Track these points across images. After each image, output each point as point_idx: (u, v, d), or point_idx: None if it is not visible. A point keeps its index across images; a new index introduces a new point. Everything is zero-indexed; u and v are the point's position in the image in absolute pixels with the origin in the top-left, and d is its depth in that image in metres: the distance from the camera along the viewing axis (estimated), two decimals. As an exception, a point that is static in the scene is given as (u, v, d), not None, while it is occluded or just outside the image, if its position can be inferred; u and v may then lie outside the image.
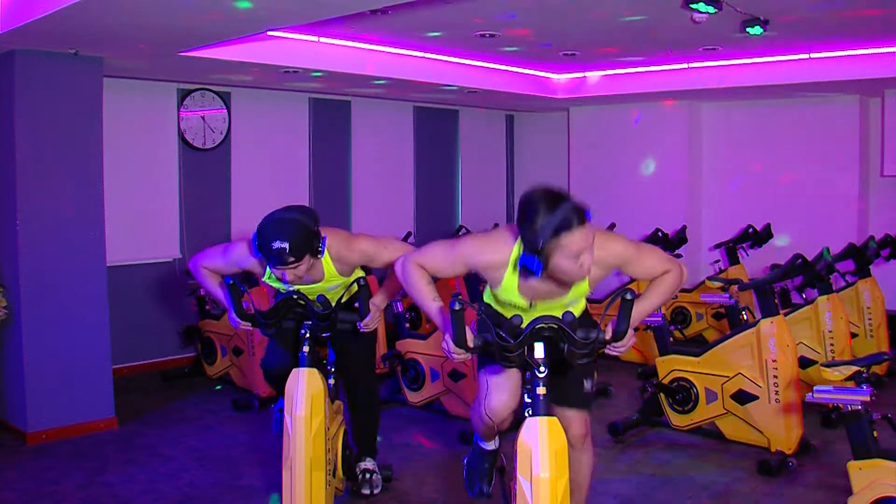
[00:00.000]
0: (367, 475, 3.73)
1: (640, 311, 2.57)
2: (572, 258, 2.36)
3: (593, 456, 2.95)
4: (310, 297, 3.26)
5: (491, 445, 3.09)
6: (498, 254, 2.59)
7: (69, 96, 4.68)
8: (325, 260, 3.25)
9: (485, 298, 2.90)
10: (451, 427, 4.75)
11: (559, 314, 2.53)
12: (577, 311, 2.73)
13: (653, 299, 2.68)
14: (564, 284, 2.55)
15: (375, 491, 3.73)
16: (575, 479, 2.74)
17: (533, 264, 2.37)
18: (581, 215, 2.34)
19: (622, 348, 2.50)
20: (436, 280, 2.76)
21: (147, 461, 4.30)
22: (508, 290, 2.64)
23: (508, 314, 2.72)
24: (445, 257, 2.69)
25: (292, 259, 2.98)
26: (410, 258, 2.73)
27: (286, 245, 2.96)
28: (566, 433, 2.58)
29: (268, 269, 3.23)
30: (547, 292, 2.61)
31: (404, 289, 2.78)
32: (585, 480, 2.92)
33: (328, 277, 3.30)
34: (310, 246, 3.05)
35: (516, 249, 2.56)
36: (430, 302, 2.65)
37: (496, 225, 7.20)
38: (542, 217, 2.33)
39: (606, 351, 2.53)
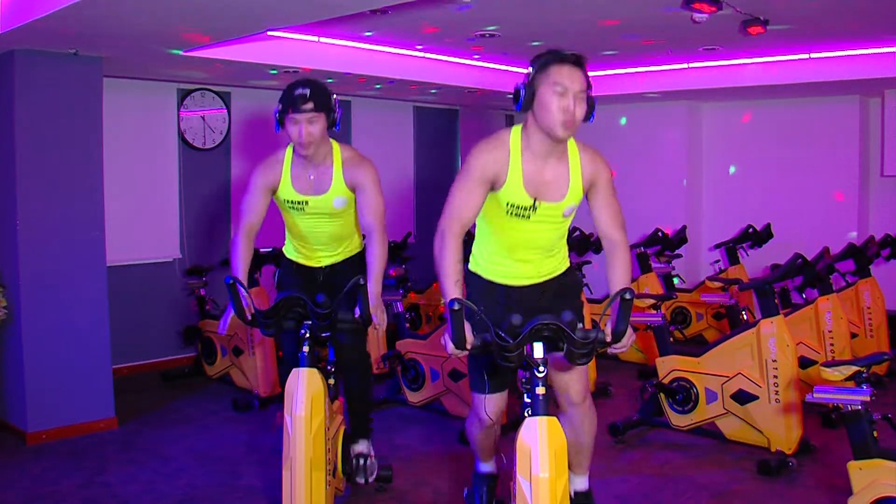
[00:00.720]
0: (361, 460, 3.65)
1: (618, 282, 2.71)
2: (556, 94, 2.55)
3: (595, 414, 3.00)
4: (317, 227, 3.37)
5: (488, 468, 3.11)
6: (499, 144, 2.72)
7: (69, 96, 4.68)
8: (336, 159, 3.37)
9: (471, 267, 2.94)
10: (451, 427, 4.75)
11: (559, 226, 2.73)
12: (568, 221, 2.85)
13: (623, 277, 2.76)
14: (561, 156, 2.73)
15: (370, 478, 3.68)
16: (576, 438, 2.78)
17: (521, 89, 2.62)
18: (577, 58, 2.57)
19: (622, 348, 2.51)
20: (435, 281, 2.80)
21: (147, 461, 4.30)
22: (514, 186, 2.70)
23: (510, 234, 2.79)
24: (466, 190, 2.70)
25: (310, 105, 3.16)
26: (447, 225, 2.67)
27: (307, 91, 3.20)
28: (566, 394, 2.63)
29: (285, 170, 3.36)
30: (548, 183, 2.71)
31: (435, 261, 2.70)
32: (588, 441, 2.97)
33: (335, 186, 3.39)
34: (328, 103, 3.25)
35: (514, 131, 2.72)
36: (453, 285, 2.60)
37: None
38: (544, 55, 2.60)
39: (609, 350, 2.54)
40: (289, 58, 5.38)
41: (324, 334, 3.25)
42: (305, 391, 3.08)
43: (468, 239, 2.85)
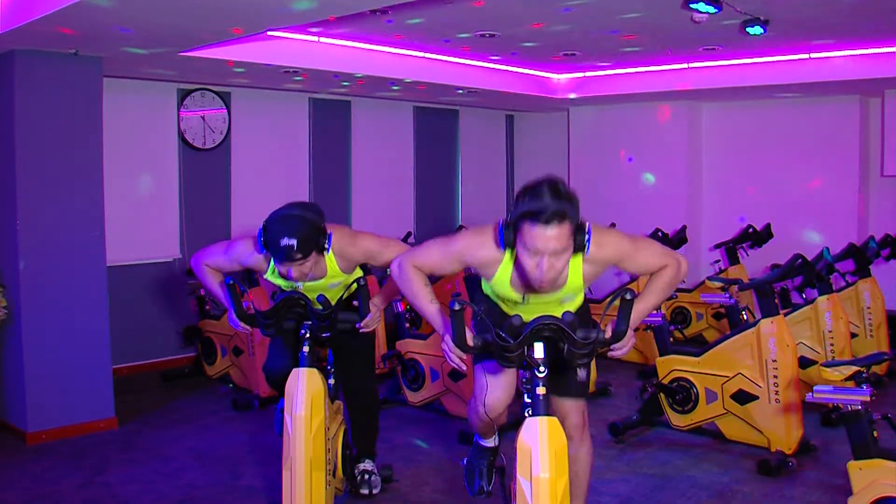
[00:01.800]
0: (367, 476, 3.73)
1: (639, 310, 2.56)
2: (530, 253, 2.35)
3: (592, 449, 2.95)
4: (310, 297, 3.27)
5: (490, 443, 3.10)
6: (490, 248, 2.59)
7: (69, 96, 4.68)
8: (329, 256, 3.26)
9: (483, 289, 2.90)
10: (451, 427, 4.75)
11: (556, 310, 2.55)
12: (573, 307, 2.73)
13: (651, 298, 2.66)
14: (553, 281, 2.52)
15: (374, 491, 3.73)
16: (574, 473, 2.74)
17: (501, 235, 2.45)
18: (550, 217, 2.27)
19: (623, 349, 2.50)
20: (434, 281, 2.76)
21: (147, 461, 4.30)
22: (501, 284, 2.65)
23: (507, 309, 2.72)
24: (441, 255, 2.69)
25: (300, 255, 3.00)
26: (406, 260, 2.72)
27: (294, 242, 2.97)
28: (564, 424, 2.61)
29: (271, 265, 3.23)
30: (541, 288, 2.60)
31: (401, 291, 2.78)
32: (585, 475, 2.92)
33: (331, 274, 3.31)
34: (316, 242, 3.07)
35: (508, 253, 2.57)
36: (428, 304, 2.66)
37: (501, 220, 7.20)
38: (523, 197, 2.36)
39: (609, 353, 2.53)
40: (289, 58, 5.38)
41: (324, 334, 3.25)
42: (305, 391, 3.08)
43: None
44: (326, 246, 3.14)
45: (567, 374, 2.79)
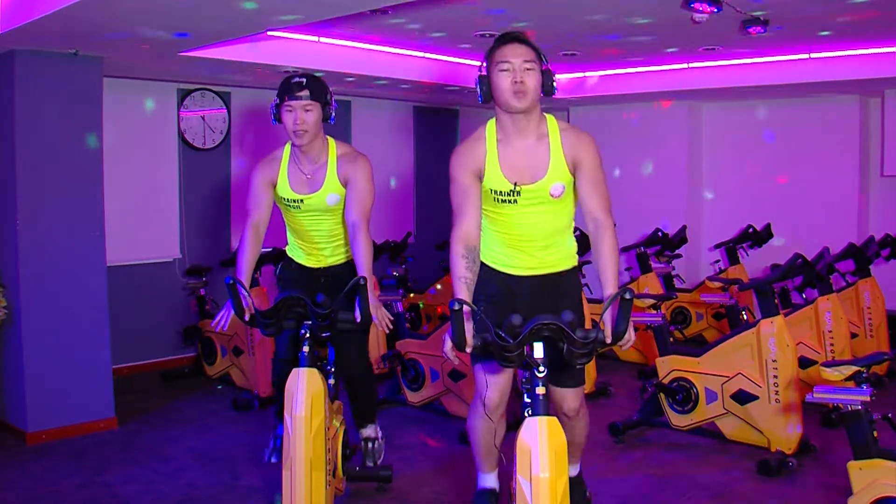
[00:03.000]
0: (370, 444, 3.71)
1: (609, 278, 2.72)
2: (504, 72, 2.69)
3: (588, 420, 3.11)
4: (312, 225, 3.40)
5: (490, 483, 3.11)
6: (474, 139, 2.87)
7: (69, 96, 4.68)
8: (331, 155, 3.42)
9: (482, 257, 2.98)
10: (451, 427, 4.75)
11: (547, 203, 2.76)
12: (565, 207, 2.88)
13: (611, 266, 2.76)
14: (541, 137, 2.79)
15: (378, 460, 3.74)
16: (571, 440, 2.80)
17: (478, 86, 2.78)
18: (513, 36, 2.71)
19: (625, 344, 2.52)
20: (443, 275, 2.88)
21: (147, 461, 4.30)
22: (492, 172, 2.81)
23: (500, 215, 2.85)
24: (455, 194, 2.90)
25: (306, 93, 3.23)
26: (451, 235, 2.88)
27: (304, 79, 3.29)
28: (561, 409, 2.67)
29: (282, 169, 3.41)
30: (525, 168, 2.77)
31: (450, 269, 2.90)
32: (581, 440, 3.10)
33: (328, 183, 3.41)
34: (324, 92, 3.34)
35: (489, 124, 2.85)
36: (460, 285, 2.79)
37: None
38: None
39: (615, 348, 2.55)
40: (289, 58, 5.38)
41: (324, 334, 3.24)
42: (305, 391, 3.08)
43: None
44: (331, 112, 3.38)
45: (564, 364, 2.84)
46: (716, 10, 4.12)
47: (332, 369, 3.60)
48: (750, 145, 7.65)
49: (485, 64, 2.80)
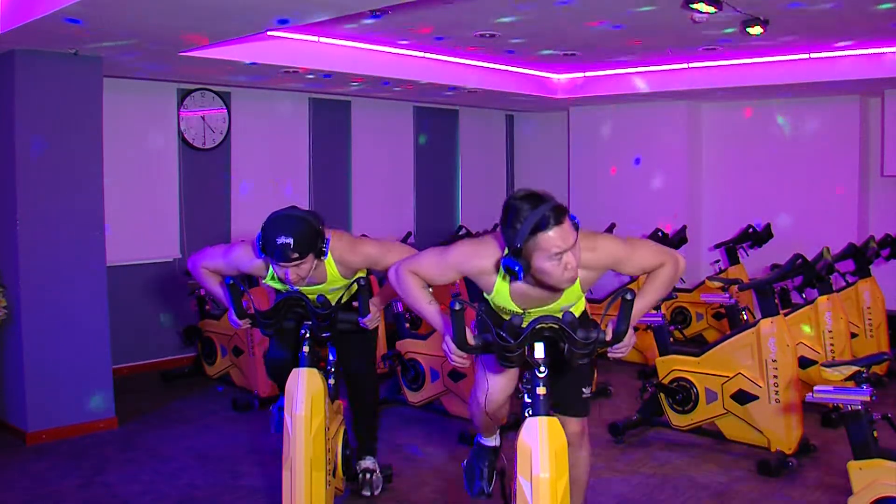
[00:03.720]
0: (368, 475, 3.73)
1: (637, 309, 2.54)
2: (553, 259, 2.33)
3: (591, 452, 2.97)
4: (310, 298, 3.26)
5: (491, 442, 3.09)
6: (486, 260, 2.58)
7: (69, 96, 4.68)
8: (329, 262, 3.24)
9: (484, 295, 2.90)
10: (451, 427, 4.75)
11: (557, 310, 2.55)
12: (575, 312, 2.72)
13: (649, 296, 2.66)
14: (554, 289, 2.52)
15: (376, 492, 3.74)
16: (573, 475, 2.75)
17: (514, 266, 2.32)
18: (559, 214, 2.30)
19: (623, 349, 2.49)
20: (431, 286, 2.77)
21: (147, 461, 4.30)
22: (500, 297, 2.64)
23: (507, 316, 2.72)
24: (437, 265, 2.69)
25: (296, 255, 2.98)
26: (403, 266, 2.73)
27: (290, 240, 2.95)
28: (564, 432, 2.59)
29: (270, 269, 3.22)
30: (538, 298, 2.60)
31: (399, 296, 2.80)
32: (584, 476, 2.94)
33: (330, 279, 3.30)
34: (314, 244, 3.04)
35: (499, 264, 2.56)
36: (426, 306, 2.67)
37: (496, 226, 7.21)
38: (520, 217, 2.32)
39: (608, 354, 2.53)
40: (289, 58, 5.38)
41: (324, 334, 3.25)
42: (305, 391, 3.08)
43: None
44: (325, 249, 3.12)
45: (571, 393, 2.81)
46: (716, 9, 4.12)
47: (332, 369, 3.60)
48: (750, 145, 7.65)
49: (516, 241, 2.32)
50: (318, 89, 6.79)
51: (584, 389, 2.86)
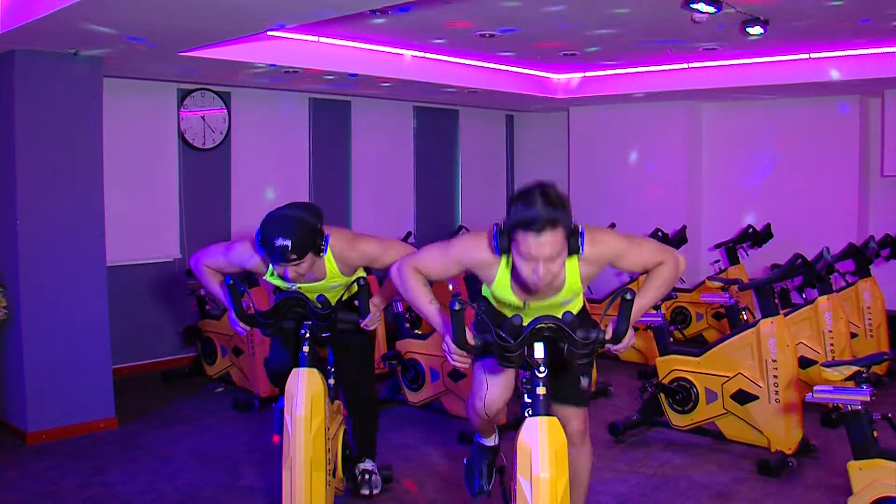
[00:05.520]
0: (367, 476, 3.73)
1: (637, 307, 2.54)
2: (526, 259, 2.35)
3: (592, 453, 2.96)
4: (310, 297, 3.27)
5: (490, 441, 3.10)
6: (488, 251, 2.59)
7: (69, 96, 4.68)
8: (328, 259, 3.25)
9: (483, 293, 2.91)
10: (451, 427, 4.75)
11: (556, 312, 2.54)
12: (574, 308, 2.73)
13: (649, 295, 2.66)
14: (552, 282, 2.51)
15: (375, 491, 3.74)
16: (574, 476, 2.75)
17: (496, 239, 2.45)
18: (541, 225, 2.28)
19: (622, 347, 2.50)
20: (432, 283, 2.77)
21: (147, 461, 4.30)
22: (502, 288, 2.65)
23: (508, 312, 2.73)
24: (440, 259, 2.70)
25: (294, 256, 2.99)
26: (405, 263, 2.74)
27: (288, 242, 2.96)
28: (565, 430, 2.59)
29: (270, 266, 3.23)
30: (540, 291, 2.60)
31: (400, 293, 2.81)
32: (585, 477, 2.93)
33: (330, 276, 3.30)
34: (312, 244, 3.06)
35: (504, 258, 2.58)
36: (427, 305, 2.68)
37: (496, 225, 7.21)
38: (516, 204, 2.36)
39: (606, 348, 2.53)
40: (289, 58, 5.38)
41: (324, 334, 3.24)
42: (305, 391, 3.08)
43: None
44: (323, 247, 3.12)
45: (569, 382, 2.80)
46: (716, 9, 4.12)
47: (332, 369, 3.60)
48: (750, 145, 7.65)
49: (505, 221, 2.41)
50: (319, 89, 6.79)
51: (581, 379, 2.84)
